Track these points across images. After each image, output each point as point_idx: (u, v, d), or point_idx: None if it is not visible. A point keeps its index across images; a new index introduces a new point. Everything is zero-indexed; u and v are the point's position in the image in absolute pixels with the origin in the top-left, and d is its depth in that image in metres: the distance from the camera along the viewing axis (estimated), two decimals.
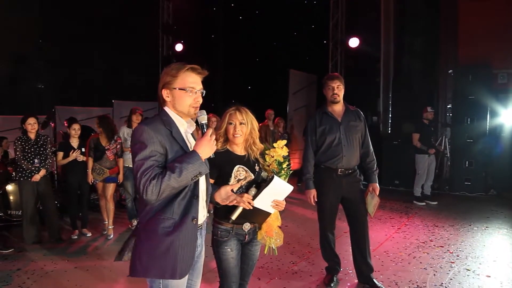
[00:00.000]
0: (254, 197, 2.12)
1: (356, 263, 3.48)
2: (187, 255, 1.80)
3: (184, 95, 1.82)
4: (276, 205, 2.20)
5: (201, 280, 2.12)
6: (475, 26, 7.78)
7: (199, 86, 1.87)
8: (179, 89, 1.82)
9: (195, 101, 1.85)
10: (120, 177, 5.20)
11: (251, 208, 2.13)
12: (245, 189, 2.23)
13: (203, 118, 1.89)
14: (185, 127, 1.89)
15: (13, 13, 7.42)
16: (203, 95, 1.90)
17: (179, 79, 1.82)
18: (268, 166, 2.29)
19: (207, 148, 1.79)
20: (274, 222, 2.33)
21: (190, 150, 1.83)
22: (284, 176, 2.24)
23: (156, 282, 1.81)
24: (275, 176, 2.14)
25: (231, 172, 2.23)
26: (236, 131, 2.24)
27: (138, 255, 1.79)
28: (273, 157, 2.28)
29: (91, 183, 5.11)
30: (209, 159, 1.87)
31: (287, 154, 2.29)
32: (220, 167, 2.23)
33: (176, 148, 1.78)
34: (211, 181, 2.24)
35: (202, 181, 1.93)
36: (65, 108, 8.34)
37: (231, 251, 2.26)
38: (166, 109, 1.87)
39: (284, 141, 2.33)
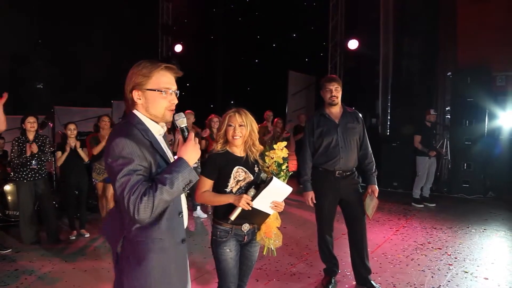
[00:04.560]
0: (253, 198, 2.14)
1: (354, 265, 3.48)
2: (182, 278, 1.72)
3: (159, 97, 1.62)
4: (275, 206, 2.22)
5: (198, 281, 2.11)
6: (474, 29, 7.81)
7: (174, 86, 1.67)
8: (153, 90, 1.62)
9: (171, 103, 1.66)
10: None
11: (250, 209, 2.14)
12: (244, 190, 2.25)
13: (182, 121, 1.71)
14: (160, 133, 1.70)
15: (13, 13, 7.41)
16: (177, 96, 1.69)
17: (153, 79, 1.62)
18: (268, 167, 2.31)
19: (193, 154, 1.61)
20: (273, 223, 2.34)
21: (169, 158, 1.68)
22: (283, 177, 2.26)
23: None
24: (274, 177, 2.16)
25: (231, 173, 2.25)
26: (235, 133, 2.26)
27: (128, 283, 1.63)
28: (272, 158, 2.29)
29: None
30: (210, 160, 1.84)
31: (287, 155, 2.31)
32: (220, 168, 2.25)
33: (158, 159, 1.59)
34: (211, 182, 2.26)
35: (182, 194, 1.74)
36: (64, 109, 8.33)
37: (230, 251, 2.27)
38: (137, 113, 1.65)
39: (285, 143, 2.34)
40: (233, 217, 2.18)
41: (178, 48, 10.87)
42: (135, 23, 9.39)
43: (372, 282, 3.42)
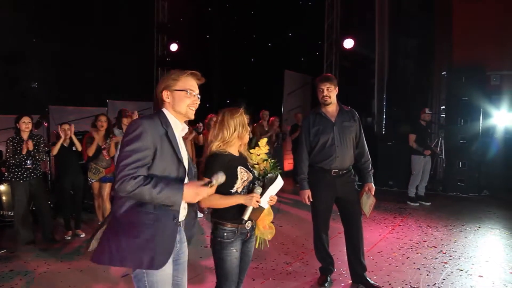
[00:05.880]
0: (261, 195, 2.23)
1: (350, 263, 3.49)
2: (166, 249, 1.86)
3: (184, 96, 1.95)
4: (271, 200, 2.30)
5: (193, 280, 2.12)
6: (469, 28, 7.85)
7: (197, 90, 2.00)
8: (179, 90, 1.94)
9: (193, 102, 1.97)
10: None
11: (258, 206, 2.22)
12: (247, 189, 2.28)
13: (221, 179, 1.94)
14: (179, 130, 1.98)
15: (7, 11, 7.35)
16: (199, 99, 2.01)
17: (180, 82, 1.95)
18: (257, 164, 2.37)
19: (194, 196, 1.86)
20: (268, 216, 2.42)
21: (181, 153, 1.91)
22: (280, 172, 2.36)
23: (142, 280, 1.86)
24: (279, 174, 2.30)
25: (237, 174, 2.25)
26: (247, 137, 2.37)
27: (115, 245, 1.80)
28: (259, 155, 2.38)
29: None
30: (215, 162, 2.05)
31: (267, 151, 2.44)
32: (226, 169, 2.22)
33: (167, 148, 1.85)
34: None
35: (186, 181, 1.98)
36: (59, 108, 8.29)
37: (235, 251, 2.28)
38: (164, 110, 1.97)
39: (265, 139, 2.50)
40: (246, 216, 2.23)
41: (174, 47, 10.85)
42: (130, 22, 9.36)
43: (368, 278, 3.43)
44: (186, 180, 1.97)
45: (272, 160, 2.41)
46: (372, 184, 3.43)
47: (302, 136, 3.51)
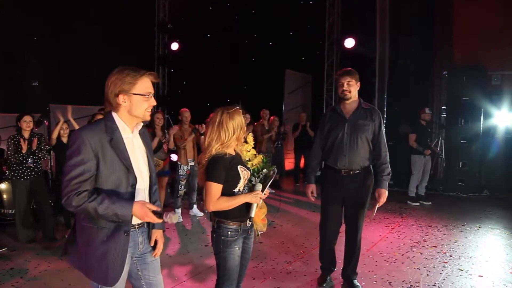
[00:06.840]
0: (262, 191, 2.30)
1: (345, 260, 3.49)
2: (118, 265, 1.86)
3: (142, 100, 1.87)
4: (265, 194, 2.34)
5: (195, 279, 2.12)
6: (469, 28, 7.85)
7: (153, 91, 1.94)
8: (138, 94, 1.86)
9: (150, 105, 1.92)
10: None
11: (260, 202, 2.29)
12: (246, 186, 2.31)
13: (174, 219, 2.03)
14: (128, 133, 1.90)
15: (8, 10, 7.36)
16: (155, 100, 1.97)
17: (138, 85, 1.86)
18: (249, 160, 2.40)
19: (143, 216, 1.81)
20: (263, 210, 2.47)
21: (129, 156, 1.85)
22: (275, 166, 2.45)
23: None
24: (275, 169, 2.39)
25: (239, 174, 2.26)
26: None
27: (82, 256, 1.89)
28: (249, 151, 2.43)
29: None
30: (219, 164, 2.08)
31: (253, 146, 2.51)
32: (227, 170, 2.23)
33: (110, 156, 1.79)
34: (220, 186, 2.20)
35: (145, 194, 1.97)
36: (59, 107, 8.28)
37: (238, 249, 2.30)
38: (114, 114, 1.89)
39: (251, 134, 2.56)
40: (252, 213, 2.27)
41: (175, 46, 10.83)
42: (131, 21, 9.35)
43: (355, 282, 3.41)
44: (146, 186, 1.97)
45: (262, 156, 2.46)
46: (384, 189, 3.23)
47: (317, 132, 3.47)
